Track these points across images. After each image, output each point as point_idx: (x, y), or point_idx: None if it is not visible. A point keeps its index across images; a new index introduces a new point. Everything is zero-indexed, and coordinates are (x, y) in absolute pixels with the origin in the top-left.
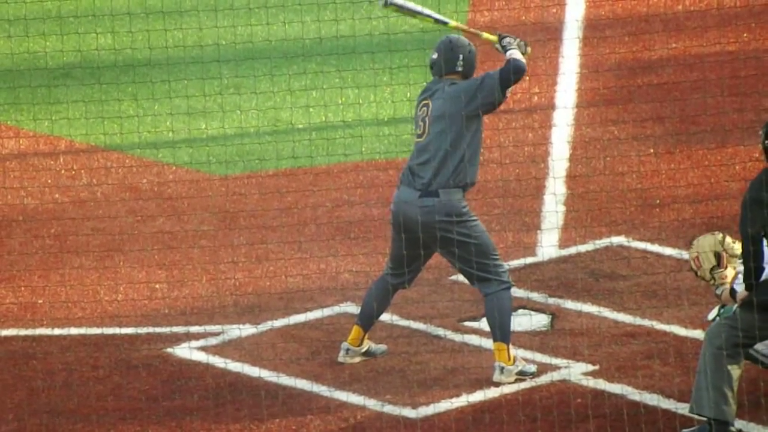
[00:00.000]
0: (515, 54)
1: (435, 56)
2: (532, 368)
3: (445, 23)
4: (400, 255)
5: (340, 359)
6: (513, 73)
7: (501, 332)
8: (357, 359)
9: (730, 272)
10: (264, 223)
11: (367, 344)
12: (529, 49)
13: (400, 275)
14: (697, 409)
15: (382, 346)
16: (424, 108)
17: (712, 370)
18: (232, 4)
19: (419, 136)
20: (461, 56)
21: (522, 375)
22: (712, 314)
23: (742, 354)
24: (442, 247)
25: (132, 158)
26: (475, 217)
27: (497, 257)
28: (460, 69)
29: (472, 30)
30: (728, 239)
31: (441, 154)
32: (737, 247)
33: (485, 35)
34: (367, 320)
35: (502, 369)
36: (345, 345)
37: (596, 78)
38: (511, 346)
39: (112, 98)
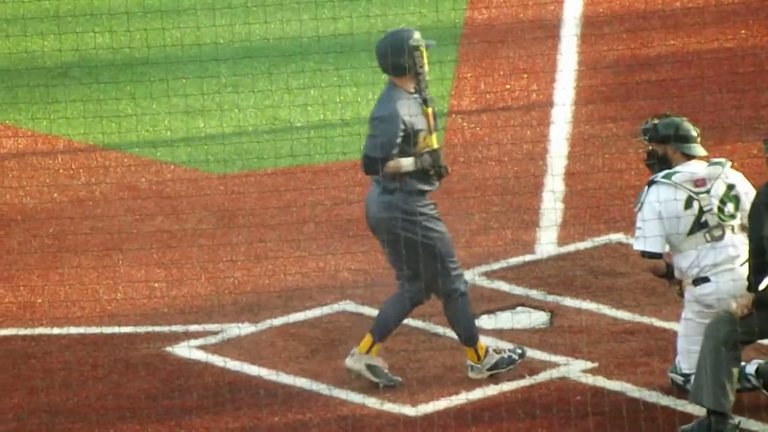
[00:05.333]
0: (403, 162)
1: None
2: (512, 356)
3: (427, 105)
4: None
5: (347, 362)
6: (364, 156)
7: (465, 336)
8: (360, 365)
9: None
10: (263, 222)
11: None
12: (443, 172)
13: (401, 278)
14: (696, 399)
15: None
16: None
17: (712, 364)
18: (230, 3)
19: None
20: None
21: (497, 367)
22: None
23: (741, 349)
24: (390, 244)
25: (130, 157)
26: (434, 220)
27: (453, 263)
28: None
29: (431, 121)
30: None
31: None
32: None
33: (433, 138)
34: (381, 330)
35: (471, 367)
36: (354, 349)
37: (594, 75)
38: (481, 340)
39: (110, 97)
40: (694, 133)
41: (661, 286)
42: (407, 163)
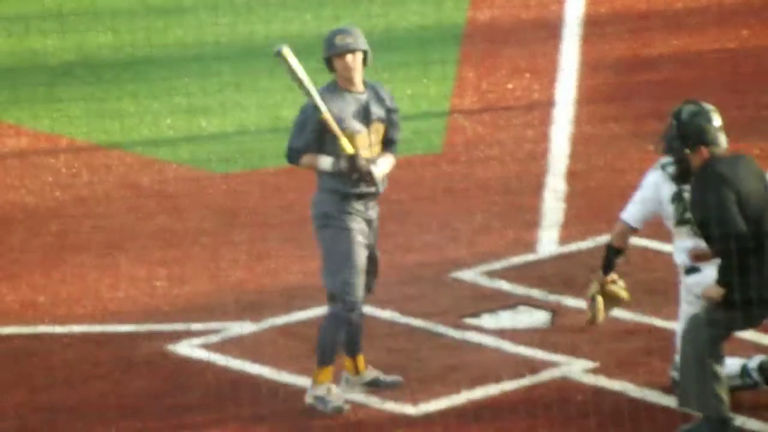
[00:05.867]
0: (319, 160)
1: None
2: (336, 406)
3: (319, 111)
4: None
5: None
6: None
7: (318, 356)
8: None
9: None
10: (264, 221)
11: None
12: (380, 186)
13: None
14: (686, 404)
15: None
16: None
17: (697, 375)
18: (232, 2)
19: None
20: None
21: (317, 402)
22: None
23: (722, 347)
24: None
25: (132, 156)
26: (339, 227)
27: (348, 283)
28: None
29: (336, 131)
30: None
31: None
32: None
33: (344, 142)
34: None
35: (309, 388)
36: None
37: (596, 75)
38: (328, 373)
39: (112, 96)
40: (712, 123)
41: (661, 285)
42: (325, 161)
